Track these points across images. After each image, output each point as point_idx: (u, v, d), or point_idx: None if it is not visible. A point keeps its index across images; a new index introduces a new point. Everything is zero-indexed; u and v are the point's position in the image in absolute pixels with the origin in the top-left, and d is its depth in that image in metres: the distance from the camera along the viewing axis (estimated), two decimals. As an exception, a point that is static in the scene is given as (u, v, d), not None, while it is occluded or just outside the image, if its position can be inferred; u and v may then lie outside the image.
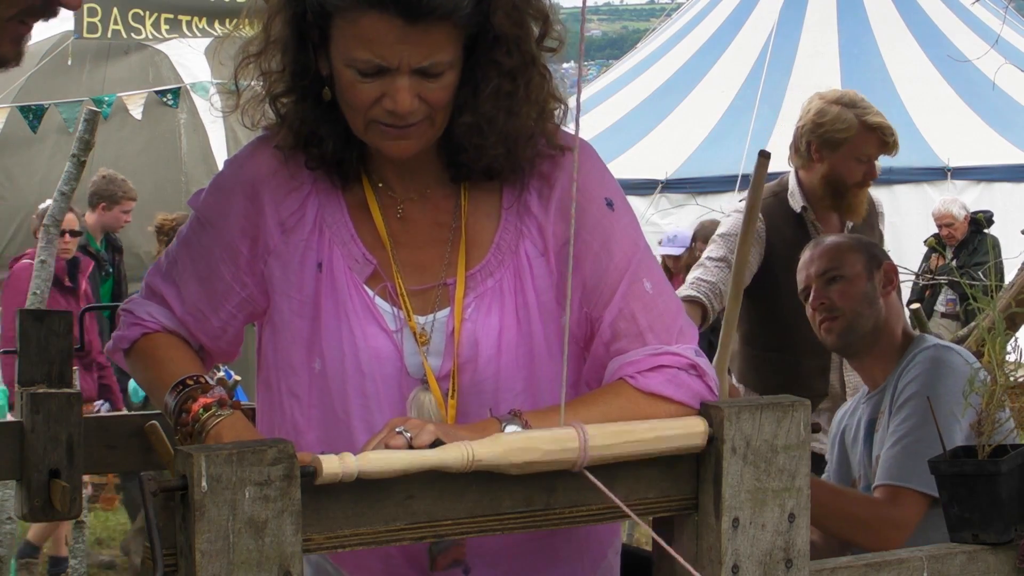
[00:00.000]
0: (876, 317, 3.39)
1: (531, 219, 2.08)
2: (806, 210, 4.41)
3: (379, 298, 2.08)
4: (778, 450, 1.89)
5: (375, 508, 1.74)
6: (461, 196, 2.10)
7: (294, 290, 2.10)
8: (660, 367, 2.02)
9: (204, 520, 1.63)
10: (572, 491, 1.85)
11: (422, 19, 1.91)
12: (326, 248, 2.09)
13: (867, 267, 3.45)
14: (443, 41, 1.95)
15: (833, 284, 3.44)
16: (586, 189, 2.04)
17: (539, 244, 2.08)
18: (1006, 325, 2.34)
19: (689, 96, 15.59)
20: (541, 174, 2.08)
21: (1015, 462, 2.26)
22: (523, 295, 2.07)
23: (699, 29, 16.89)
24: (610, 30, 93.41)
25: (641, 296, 2.06)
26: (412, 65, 1.94)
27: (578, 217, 1.97)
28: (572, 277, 1.97)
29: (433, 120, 2.00)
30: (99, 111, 7.25)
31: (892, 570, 2.15)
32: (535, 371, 2.08)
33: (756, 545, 1.89)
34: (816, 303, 3.46)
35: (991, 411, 2.31)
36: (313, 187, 2.10)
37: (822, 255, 3.50)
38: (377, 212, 2.10)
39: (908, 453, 3.13)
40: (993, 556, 2.23)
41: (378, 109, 1.97)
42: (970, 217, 11.01)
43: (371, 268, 2.09)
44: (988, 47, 8.08)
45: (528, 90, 2.03)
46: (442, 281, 2.08)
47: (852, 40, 15.55)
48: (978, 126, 14.29)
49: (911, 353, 3.32)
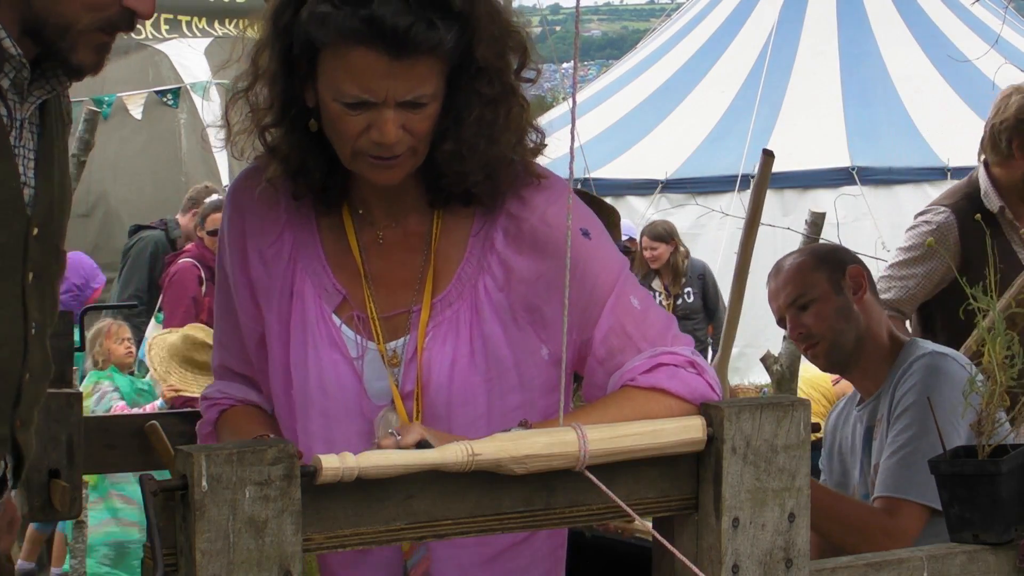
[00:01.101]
0: (856, 328, 3.31)
1: (494, 255, 2.12)
2: (1003, 209, 4.22)
3: (345, 326, 2.15)
4: (778, 450, 1.89)
5: (375, 508, 1.74)
6: (434, 223, 2.15)
7: (274, 317, 2.18)
8: (660, 365, 2.06)
9: (204, 520, 1.63)
10: (572, 491, 1.85)
11: (408, 55, 1.96)
12: (298, 278, 2.16)
13: (832, 281, 3.34)
14: (427, 74, 2.00)
15: (805, 311, 3.35)
16: (559, 222, 2.08)
17: (499, 280, 2.12)
18: (1006, 325, 2.34)
19: (689, 96, 15.59)
20: (509, 213, 2.13)
21: (1015, 462, 2.26)
22: (479, 327, 2.12)
23: (699, 29, 16.89)
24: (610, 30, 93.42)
25: (630, 312, 2.11)
26: (398, 98, 1.99)
27: (556, 250, 2.04)
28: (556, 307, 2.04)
29: (416, 149, 2.05)
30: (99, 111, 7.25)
31: (892, 570, 2.15)
32: (495, 401, 2.13)
33: (756, 545, 1.89)
34: (794, 334, 3.38)
35: (991, 411, 2.31)
36: (288, 219, 2.17)
37: (786, 283, 3.39)
38: (354, 239, 2.16)
39: (906, 464, 3.09)
40: (993, 556, 2.23)
41: (364, 140, 2.02)
42: (970, 217, 11.00)
43: (340, 298, 2.15)
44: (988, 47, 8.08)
45: (508, 119, 2.09)
46: (410, 308, 2.14)
47: (852, 40, 15.55)
48: (978, 126, 14.21)
49: (906, 360, 3.25)
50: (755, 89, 14.82)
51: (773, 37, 15.48)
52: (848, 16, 15.86)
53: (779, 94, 14.89)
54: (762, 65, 15.22)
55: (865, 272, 3.39)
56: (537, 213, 2.11)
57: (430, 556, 2.13)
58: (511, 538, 2.16)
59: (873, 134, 14.22)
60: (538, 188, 2.13)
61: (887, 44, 15.45)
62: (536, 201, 2.12)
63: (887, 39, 15.52)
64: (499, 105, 2.08)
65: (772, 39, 15.45)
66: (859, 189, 13.42)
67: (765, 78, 14.94)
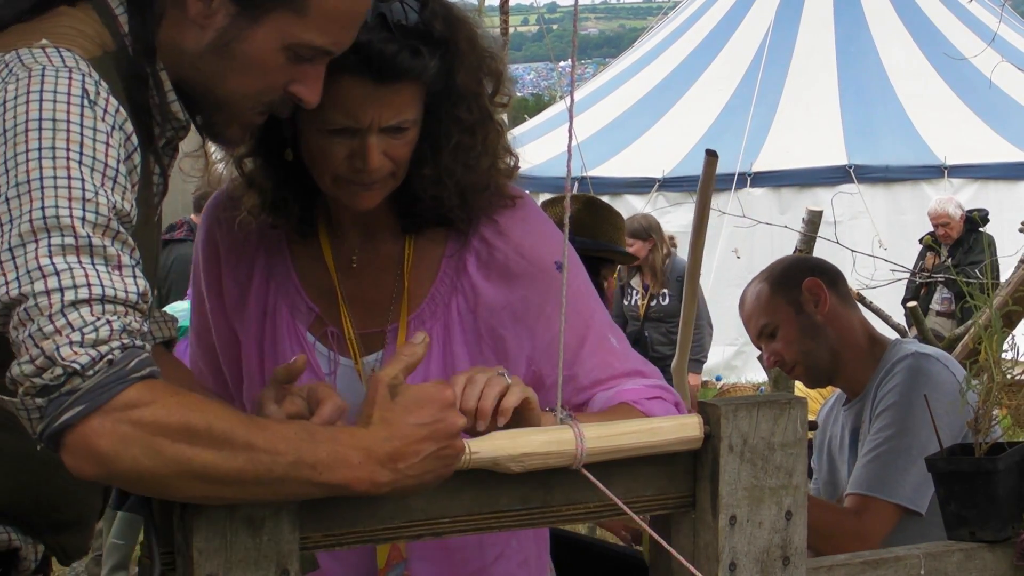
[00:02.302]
0: (827, 341, 3.29)
1: (466, 278, 2.15)
2: None
3: (319, 343, 2.17)
4: (775, 448, 1.89)
5: (372, 506, 1.74)
6: (406, 247, 2.16)
7: (250, 338, 2.21)
8: (659, 398, 2.11)
9: (201, 518, 1.63)
10: (569, 489, 1.85)
11: (394, 81, 1.98)
12: (271, 298, 2.19)
13: (790, 302, 3.32)
14: (410, 101, 2.02)
15: (773, 339, 3.34)
16: (534, 255, 2.12)
17: (471, 301, 2.15)
18: (1002, 323, 2.34)
19: (686, 94, 15.61)
20: (483, 238, 2.15)
21: (1012, 460, 2.27)
22: (451, 347, 2.14)
23: (696, 27, 16.90)
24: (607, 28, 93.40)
25: (611, 351, 2.16)
26: (382, 124, 2.00)
27: (529, 283, 2.10)
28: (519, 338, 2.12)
29: (395, 174, 2.07)
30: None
31: (889, 568, 2.15)
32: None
33: (753, 543, 1.89)
34: (770, 362, 3.38)
35: (988, 408, 2.31)
36: (258, 240, 2.19)
37: (749, 316, 3.38)
38: (331, 260, 2.18)
39: (881, 463, 3.09)
40: (990, 553, 2.24)
41: (345, 167, 2.03)
42: (965, 216, 11.01)
43: (313, 315, 2.18)
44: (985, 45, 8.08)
45: (485, 144, 2.11)
46: (386, 327, 2.17)
47: (849, 37, 15.57)
48: (974, 124, 14.31)
49: (889, 361, 3.23)
50: (752, 87, 14.85)
51: (770, 35, 15.50)
52: (845, 14, 15.89)
53: (776, 92, 14.91)
54: (759, 63, 15.24)
55: (824, 280, 3.33)
56: (512, 244, 2.14)
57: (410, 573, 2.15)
58: (489, 555, 2.19)
59: (870, 132, 14.25)
60: (513, 214, 2.15)
61: (884, 42, 15.47)
62: (512, 232, 2.14)
63: (884, 37, 15.54)
64: (476, 131, 2.10)
65: (769, 37, 15.47)
66: (856, 187, 13.44)
67: (762, 76, 14.96)
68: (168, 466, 1.52)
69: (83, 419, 1.50)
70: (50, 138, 1.63)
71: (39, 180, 1.59)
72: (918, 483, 3.04)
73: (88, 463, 1.51)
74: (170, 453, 1.52)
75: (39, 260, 1.55)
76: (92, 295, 1.54)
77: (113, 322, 1.54)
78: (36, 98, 1.65)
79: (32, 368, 1.51)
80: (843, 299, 3.36)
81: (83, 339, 1.52)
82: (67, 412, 1.50)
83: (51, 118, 1.64)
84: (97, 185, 1.62)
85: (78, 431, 1.50)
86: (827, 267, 3.48)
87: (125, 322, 1.55)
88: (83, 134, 1.65)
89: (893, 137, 14.15)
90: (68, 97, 1.67)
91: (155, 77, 1.86)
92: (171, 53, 1.86)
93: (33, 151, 1.62)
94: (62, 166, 1.61)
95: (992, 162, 13.72)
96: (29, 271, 1.55)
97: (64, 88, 1.67)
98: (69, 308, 1.53)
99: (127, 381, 1.51)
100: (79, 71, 1.70)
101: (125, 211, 1.65)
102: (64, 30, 1.79)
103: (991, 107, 14.12)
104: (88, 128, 1.66)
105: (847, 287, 3.44)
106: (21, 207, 1.58)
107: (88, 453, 1.51)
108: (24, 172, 1.60)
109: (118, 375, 1.51)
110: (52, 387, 1.51)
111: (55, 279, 1.54)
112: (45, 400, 1.51)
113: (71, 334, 1.52)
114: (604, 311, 2.20)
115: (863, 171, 13.67)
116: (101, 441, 1.50)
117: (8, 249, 1.57)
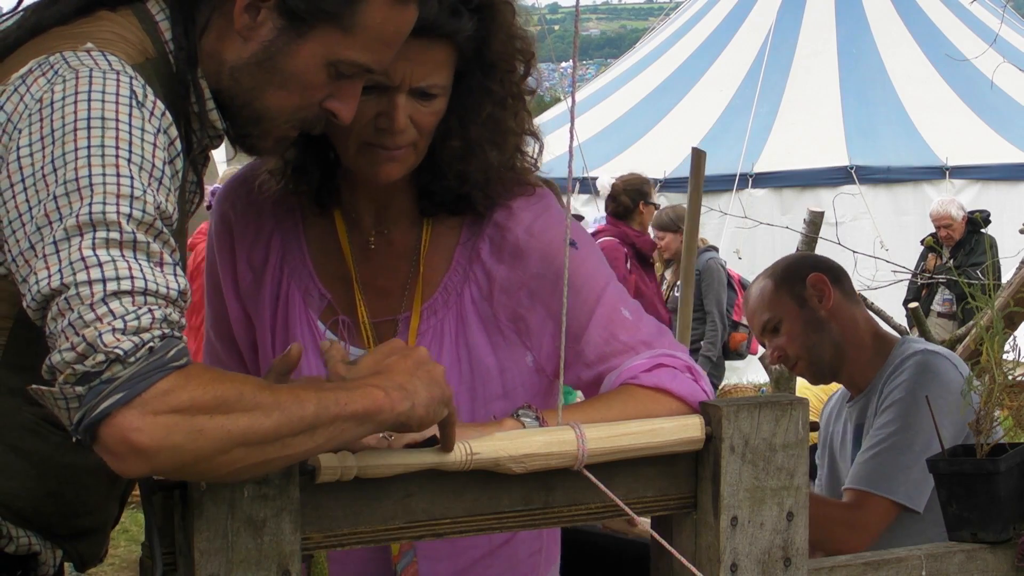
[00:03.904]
0: (830, 336, 3.29)
1: (479, 265, 2.13)
2: None
3: (330, 331, 2.16)
4: (776, 449, 1.89)
5: (373, 507, 1.74)
6: (424, 232, 2.15)
7: (264, 323, 2.20)
8: (660, 365, 2.04)
9: (203, 519, 1.63)
10: (571, 490, 1.85)
11: (427, 34, 1.96)
12: (284, 284, 2.18)
13: (794, 296, 3.32)
14: (441, 62, 2.01)
15: (777, 334, 3.35)
16: (544, 234, 2.10)
17: (484, 289, 2.13)
18: (1004, 324, 2.34)
19: (687, 95, 15.62)
20: (496, 223, 2.14)
21: (1013, 461, 2.27)
22: (464, 336, 2.13)
23: (697, 28, 16.91)
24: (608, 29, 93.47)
25: (621, 322, 2.11)
26: (412, 84, 1.99)
27: (540, 259, 2.08)
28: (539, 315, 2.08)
29: (417, 145, 2.05)
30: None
31: (891, 568, 2.15)
32: (478, 409, 2.14)
33: (755, 544, 1.89)
34: (773, 357, 3.38)
35: (989, 409, 2.31)
36: (275, 224, 2.19)
37: (753, 312, 3.39)
38: (346, 244, 2.17)
39: (881, 459, 3.09)
40: (991, 555, 2.24)
41: (370, 129, 2.02)
42: (967, 217, 11.01)
43: (325, 303, 2.17)
44: (986, 46, 8.08)
45: (516, 121, 2.11)
46: (399, 315, 2.16)
47: (850, 39, 15.57)
48: (976, 125, 14.32)
49: (898, 357, 3.22)
50: (753, 88, 14.85)
51: (771, 36, 15.51)
52: (846, 15, 15.89)
53: (777, 93, 14.92)
54: (760, 64, 15.25)
55: (828, 276, 3.34)
56: (523, 225, 2.12)
57: (417, 561, 2.14)
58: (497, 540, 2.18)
59: (871, 133, 14.25)
60: (528, 200, 2.14)
61: (885, 43, 15.48)
62: (523, 213, 2.13)
63: (885, 38, 15.55)
64: (507, 106, 2.10)
65: (770, 38, 15.48)
66: (858, 188, 13.44)
67: (763, 77, 14.97)
68: (212, 443, 1.52)
69: (120, 409, 1.49)
70: (99, 136, 1.63)
71: (88, 178, 1.60)
72: (918, 481, 3.04)
73: (131, 460, 1.50)
74: (211, 429, 1.51)
75: (83, 252, 1.56)
76: (135, 287, 1.55)
77: (155, 311, 1.54)
78: (84, 98, 1.66)
79: (73, 355, 1.51)
80: (847, 295, 3.37)
81: (125, 327, 1.51)
82: (106, 400, 1.49)
83: (100, 116, 1.65)
84: (144, 184, 1.63)
85: (116, 425, 1.49)
86: (831, 264, 3.48)
87: (166, 312, 1.55)
88: (131, 133, 1.65)
89: (895, 138, 14.15)
90: (116, 97, 1.67)
91: (196, 85, 1.86)
92: (212, 63, 1.87)
93: (82, 149, 1.62)
94: (111, 164, 1.62)
95: (993, 163, 13.73)
96: (72, 263, 1.55)
97: (112, 89, 1.67)
98: (111, 298, 1.53)
99: (166, 369, 1.51)
100: (126, 74, 1.71)
101: (168, 212, 1.66)
102: (107, 35, 1.80)
103: (993, 108, 14.13)
104: (136, 128, 1.66)
105: (851, 284, 3.44)
106: (71, 205, 1.59)
107: (129, 450, 1.49)
108: (73, 170, 1.61)
109: (158, 363, 1.51)
110: (93, 374, 1.50)
111: (98, 270, 1.54)
112: (85, 388, 1.50)
113: (113, 322, 1.51)
114: (617, 284, 2.16)
115: (864, 172, 13.67)
116: (142, 437, 1.49)
117: (53, 243, 1.57)
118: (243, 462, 1.55)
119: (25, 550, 1.90)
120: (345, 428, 1.61)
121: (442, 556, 2.16)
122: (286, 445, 1.57)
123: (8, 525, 1.87)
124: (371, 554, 2.13)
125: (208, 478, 1.61)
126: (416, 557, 2.14)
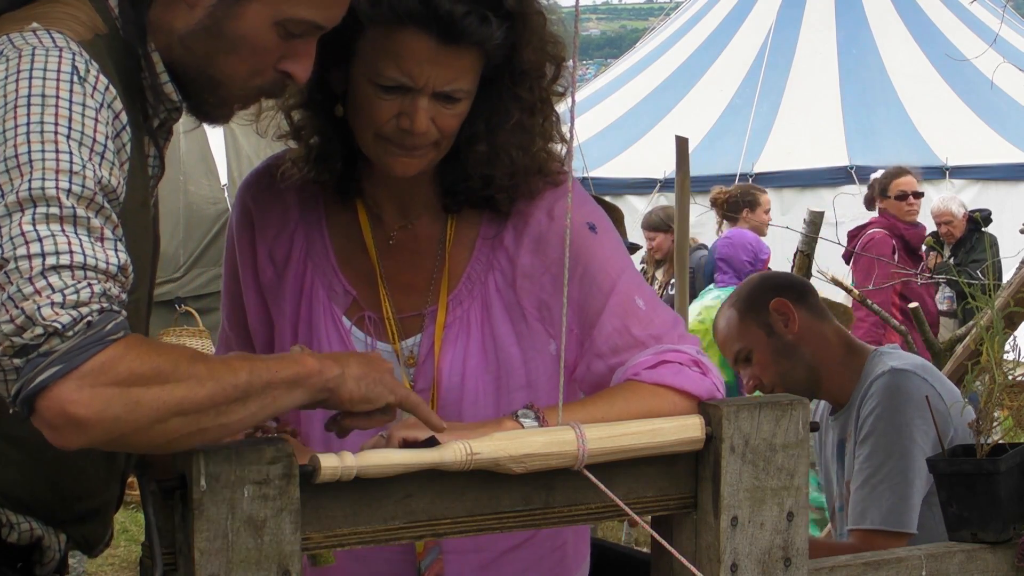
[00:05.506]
0: (803, 360, 3.28)
1: (502, 251, 2.12)
2: None
3: (355, 327, 2.15)
4: (777, 449, 1.89)
5: (374, 507, 1.74)
6: (448, 226, 2.14)
7: (284, 319, 2.19)
8: (664, 362, 2.03)
9: (203, 519, 1.63)
10: (571, 490, 1.85)
11: (456, 42, 1.96)
12: (308, 280, 2.17)
13: (760, 324, 3.31)
14: (468, 68, 2.00)
15: (749, 363, 3.34)
16: (564, 217, 2.06)
17: (508, 275, 2.12)
18: (1004, 324, 2.34)
19: (688, 95, 15.60)
20: (518, 211, 2.12)
21: (1013, 461, 2.27)
22: (489, 326, 2.12)
23: (698, 28, 16.89)
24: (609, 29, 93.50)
25: (635, 313, 2.09)
26: (436, 88, 1.98)
27: (560, 243, 2.03)
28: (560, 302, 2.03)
29: (438, 145, 2.04)
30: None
31: (891, 568, 2.15)
32: (502, 399, 2.12)
33: (755, 544, 1.89)
34: (749, 387, 3.37)
35: (989, 410, 2.31)
36: (298, 219, 2.18)
37: (724, 342, 3.39)
38: (370, 238, 2.16)
39: (875, 494, 3.09)
40: (991, 555, 2.24)
41: (391, 126, 2.01)
42: (968, 216, 11.00)
43: (350, 299, 2.16)
44: (986, 46, 8.08)
45: (543, 127, 2.10)
46: (424, 309, 2.14)
47: (850, 39, 15.55)
48: (976, 125, 14.30)
49: (868, 376, 3.20)
50: (754, 88, 14.84)
51: (772, 36, 15.49)
52: (846, 15, 15.87)
53: (777, 93, 14.90)
54: (760, 64, 15.23)
55: (791, 297, 3.32)
56: (543, 208, 2.11)
57: (443, 558, 2.13)
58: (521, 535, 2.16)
59: (872, 133, 14.24)
60: (547, 184, 2.12)
61: (886, 43, 15.46)
62: (545, 197, 2.11)
63: (886, 38, 15.53)
64: (536, 112, 2.08)
65: (771, 38, 15.46)
66: (858, 188, 13.42)
67: (764, 77, 14.95)
68: (148, 414, 1.55)
69: (58, 381, 1.51)
70: (39, 113, 1.64)
71: (27, 155, 1.61)
72: (915, 506, 3.06)
73: (68, 432, 1.52)
74: (147, 400, 1.54)
75: (23, 227, 1.57)
76: (73, 261, 1.56)
77: (94, 286, 1.56)
78: (26, 76, 1.67)
79: (12, 327, 1.52)
80: (813, 313, 3.35)
81: (64, 300, 1.53)
82: (43, 373, 1.51)
83: (40, 94, 1.66)
84: (84, 159, 1.64)
85: (53, 397, 1.51)
86: (794, 282, 3.48)
87: (105, 287, 1.57)
88: (71, 109, 1.66)
89: (895, 138, 14.13)
90: (58, 74, 1.68)
91: (147, 58, 1.87)
92: (162, 34, 1.87)
93: (22, 126, 1.63)
94: (50, 140, 1.63)
95: (993, 163, 13.71)
96: (12, 238, 1.57)
97: (54, 65, 1.68)
98: (50, 271, 1.54)
99: (104, 343, 1.53)
100: (69, 50, 1.71)
101: (112, 186, 1.67)
102: (57, 14, 1.80)
103: (993, 108, 14.11)
104: (77, 104, 1.67)
105: (817, 299, 3.42)
106: (12, 182, 1.60)
107: (67, 421, 1.51)
108: (12, 147, 1.62)
109: (96, 337, 1.53)
110: (31, 347, 1.52)
111: (37, 244, 1.56)
112: (23, 360, 1.52)
113: (52, 295, 1.53)
114: (634, 271, 2.15)
115: (864, 172, 13.64)
116: (79, 408, 1.51)
117: None
118: (179, 431, 1.58)
119: (28, 537, 1.91)
120: (277, 395, 1.65)
121: (468, 550, 2.15)
122: (220, 413, 1.60)
123: (8, 512, 1.88)
124: (394, 552, 2.12)
125: (143, 448, 1.64)
126: (441, 553, 2.13)
